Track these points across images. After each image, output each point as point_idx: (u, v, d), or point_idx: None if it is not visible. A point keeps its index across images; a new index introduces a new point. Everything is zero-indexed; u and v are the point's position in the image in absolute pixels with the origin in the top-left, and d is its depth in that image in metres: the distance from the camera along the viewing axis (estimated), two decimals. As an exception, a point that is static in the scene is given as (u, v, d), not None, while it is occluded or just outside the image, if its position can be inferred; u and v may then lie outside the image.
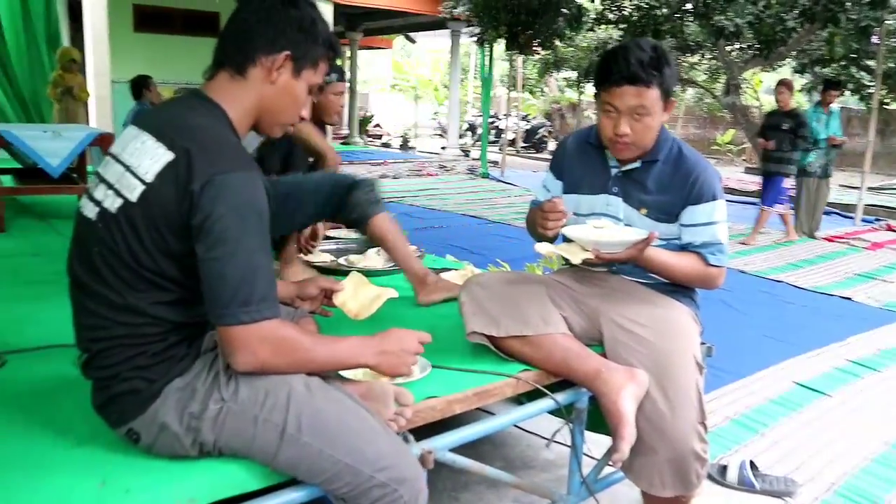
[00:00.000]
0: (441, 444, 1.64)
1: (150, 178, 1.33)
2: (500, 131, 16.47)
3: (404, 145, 17.78)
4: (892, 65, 11.26)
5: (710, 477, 2.64)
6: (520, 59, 15.15)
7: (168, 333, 1.39)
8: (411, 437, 1.61)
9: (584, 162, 2.11)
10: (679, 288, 2.09)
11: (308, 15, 1.47)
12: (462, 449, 1.87)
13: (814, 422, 3.17)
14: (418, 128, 21.27)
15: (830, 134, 7.67)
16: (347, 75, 18.16)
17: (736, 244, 7.16)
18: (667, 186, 2.01)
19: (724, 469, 2.64)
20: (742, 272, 6.05)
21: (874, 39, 9.06)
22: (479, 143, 13.87)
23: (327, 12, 10.67)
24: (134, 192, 1.33)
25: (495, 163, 13.46)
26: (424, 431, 1.69)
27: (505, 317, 1.93)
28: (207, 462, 1.41)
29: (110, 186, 1.38)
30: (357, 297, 1.84)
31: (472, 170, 13.21)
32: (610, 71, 1.90)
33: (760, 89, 19.11)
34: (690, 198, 1.99)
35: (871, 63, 10.00)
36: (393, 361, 1.51)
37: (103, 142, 4.35)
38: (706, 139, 19.47)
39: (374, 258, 3.09)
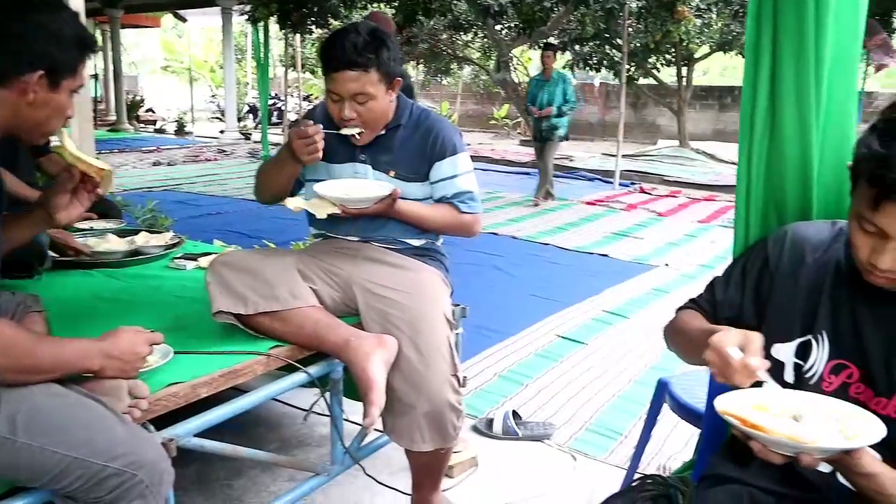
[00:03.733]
0: (184, 431, 1.58)
1: None
2: (281, 112, 16.07)
3: (180, 130, 16.77)
4: (637, 44, 12.45)
5: (478, 430, 2.79)
6: (297, 37, 14.87)
7: None
8: (151, 427, 1.53)
9: (331, 130, 2.11)
10: (428, 252, 2.18)
11: (55, 19, 1.38)
12: (233, 434, 1.81)
13: (572, 369, 3.46)
14: (196, 111, 20.14)
15: (549, 101, 7.69)
16: (108, 56, 16.76)
17: (513, 213, 7.59)
18: (411, 147, 2.10)
19: (490, 422, 2.80)
20: (514, 238, 6.42)
21: (620, 20, 9.93)
22: (260, 125, 13.44)
23: (77, -14, 9.73)
24: None
25: (277, 145, 13.08)
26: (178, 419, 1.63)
27: (252, 294, 1.89)
28: None
29: None
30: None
31: (254, 153, 12.79)
32: (328, 57, 1.94)
33: (530, 66, 20.31)
34: (434, 154, 2.09)
35: (621, 42, 10.95)
36: (119, 366, 1.41)
37: None
38: (484, 114, 20.38)
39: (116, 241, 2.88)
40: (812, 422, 1.11)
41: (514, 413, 2.82)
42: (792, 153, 1.36)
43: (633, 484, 1.58)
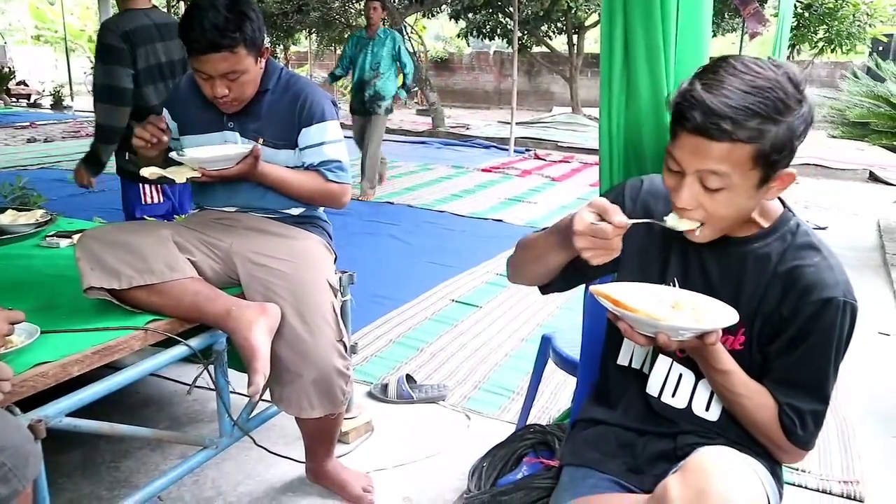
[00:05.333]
0: (55, 411, 1.52)
1: None
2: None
3: (57, 104, 15.83)
4: (528, 12, 12.62)
5: (373, 396, 2.82)
6: (181, 3, 14.23)
7: None
8: (17, 410, 1.47)
9: (197, 101, 2.05)
10: (309, 220, 2.16)
11: None
12: (121, 414, 1.74)
13: (466, 332, 3.52)
14: (74, 84, 19.00)
15: (375, 64, 6.44)
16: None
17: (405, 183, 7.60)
18: (279, 112, 2.06)
19: (385, 387, 2.82)
20: (410, 206, 6.44)
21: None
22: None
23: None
24: None
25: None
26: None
27: (126, 267, 1.82)
28: None
29: None
30: None
31: (140, 126, 12.24)
32: (189, 39, 1.86)
33: (428, 35, 20.26)
34: (302, 119, 2.05)
35: (512, 10, 11.05)
36: None
37: None
38: (380, 85, 20.18)
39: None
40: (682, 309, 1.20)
41: (409, 377, 2.85)
42: (647, 110, 1.43)
43: (516, 433, 1.65)
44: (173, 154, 1.92)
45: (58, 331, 1.69)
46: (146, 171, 1.85)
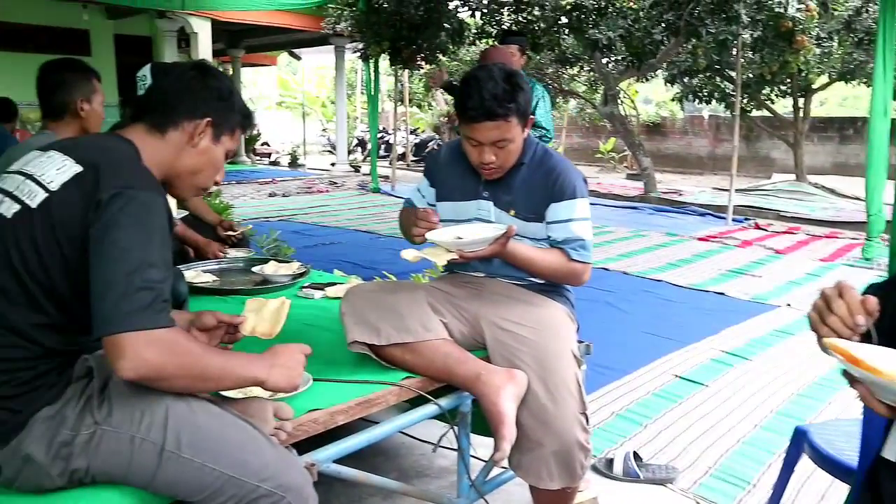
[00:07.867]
0: (324, 457, 1.63)
1: (54, 186, 1.34)
2: (389, 146, 16.51)
3: (293, 162, 17.53)
4: (750, 75, 12.09)
5: (597, 470, 2.73)
6: (405, 73, 15.29)
7: (38, 361, 1.34)
8: (294, 451, 1.59)
9: (455, 169, 2.16)
10: (554, 288, 2.18)
11: (225, 85, 1.59)
12: (354, 461, 1.86)
13: (692, 411, 3.34)
14: (308, 145, 20.98)
15: None
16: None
17: (617, 248, 7.47)
18: (532, 186, 2.09)
19: (610, 462, 2.74)
20: (625, 273, 6.30)
21: (733, 52, 9.68)
22: (369, 158, 13.90)
23: (205, 30, 10.41)
24: (35, 198, 1.34)
25: (386, 177, 13.46)
26: (310, 444, 1.68)
27: (385, 325, 1.94)
28: (79, 492, 1.35)
29: (7, 194, 1.38)
30: (263, 316, 1.80)
31: (363, 185, 13.18)
32: (467, 107, 1.95)
33: (637, 99, 20.07)
34: (553, 195, 2.07)
35: (733, 74, 10.67)
36: (285, 374, 1.49)
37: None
38: (589, 148, 20.22)
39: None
40: None
41: (635, 454, 2.74)
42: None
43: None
44: (431, 235, 1.97)
45: (327, 380, 1.82)
46: (408, 255, 1.96)
